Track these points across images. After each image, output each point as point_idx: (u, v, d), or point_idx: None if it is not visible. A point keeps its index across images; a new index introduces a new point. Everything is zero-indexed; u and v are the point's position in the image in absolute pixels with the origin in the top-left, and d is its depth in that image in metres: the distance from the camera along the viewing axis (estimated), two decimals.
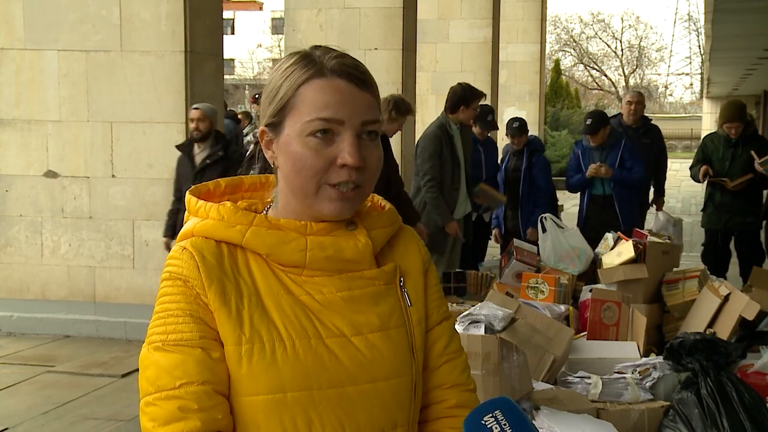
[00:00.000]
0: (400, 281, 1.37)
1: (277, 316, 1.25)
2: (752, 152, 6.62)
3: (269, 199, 1.41)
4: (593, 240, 4.18)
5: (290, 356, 1.23)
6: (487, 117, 7.29)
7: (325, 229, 1.31)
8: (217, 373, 1.22)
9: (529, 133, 7.38)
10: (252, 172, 1.46)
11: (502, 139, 8.27)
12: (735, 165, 6.74)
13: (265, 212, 1.35)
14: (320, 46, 1.33)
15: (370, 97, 1.30)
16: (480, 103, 6.66)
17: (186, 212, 1.36)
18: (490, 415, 1.20)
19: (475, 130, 7.17)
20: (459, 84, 6.57)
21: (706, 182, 7.01)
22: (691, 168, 7.16)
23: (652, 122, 7.52)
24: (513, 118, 7.51)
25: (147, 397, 1.21)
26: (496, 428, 1.18)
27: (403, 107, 6.05)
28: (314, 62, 1.29)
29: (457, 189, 6.47)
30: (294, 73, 1.29)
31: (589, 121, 6.61)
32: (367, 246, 1.32)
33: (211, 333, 1.23)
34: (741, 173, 6.69)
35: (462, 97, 6.38)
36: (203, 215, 1.31)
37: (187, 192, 1.37)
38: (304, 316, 1.26)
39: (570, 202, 11.63)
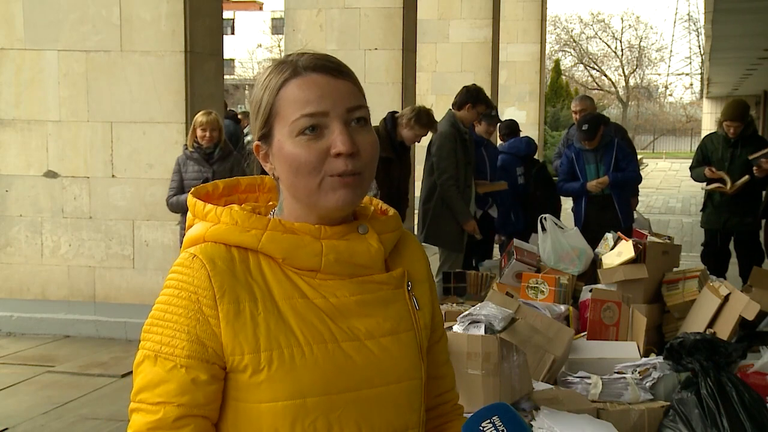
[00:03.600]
0: (408, 286, 1.38)
1: (294, 321, 1.25)
2: (749, 157, 6.59)
3: (270, 203, 1.41)
4: (593, 241, 4.18)
5: (309, 361, 1.23)
6: (492, 112, 7.16)
7: (338, 233, 1.30)
8: (197, 397, 1.22)
9: (522, 134, 7.34)
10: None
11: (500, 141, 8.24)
12: (734, 165, 6.72)
13: (270, 216, 1.35)
14: (293, 53, 1.34)
15: (350, 84, 1.30)
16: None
17: (190, 216, 1.35)
18: (488, 420, 1.21)
19: (480, 128, 7.01)
20: (474, 85, 6.64)
21: (706, 186, 7.02)
22: (691, 168, 7.14)
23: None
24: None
25: (132, 403, 1.25)
26: None
27: (424, 119, 6.06)
28: (287, 65, 1.30)
29: (469, 187, 6.46)
30: (271, 81, 1.30)
31: (585, 127, 6.46)
32: (379, 251, 1.33)
33: (204, 354, 1.23)
34: (740, 174, 6.67)
35: (472, 95, 6.42)
36: (213, 219, 1.30)
37: (189, 195, 1.36)
38: (319, 320, 1.26)
39: (567, 203, 11.61)
